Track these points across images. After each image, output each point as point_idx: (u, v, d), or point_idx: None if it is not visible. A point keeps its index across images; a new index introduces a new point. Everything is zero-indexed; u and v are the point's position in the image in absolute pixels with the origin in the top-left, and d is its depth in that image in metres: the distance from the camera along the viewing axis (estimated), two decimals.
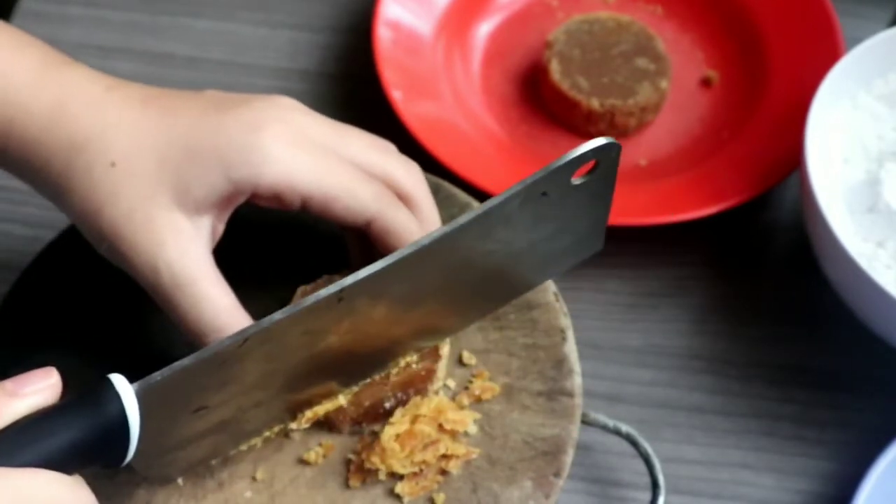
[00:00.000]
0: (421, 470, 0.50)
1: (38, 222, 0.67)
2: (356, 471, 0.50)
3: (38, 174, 0.50)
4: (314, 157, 0.50)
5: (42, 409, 0.39)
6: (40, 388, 0.40)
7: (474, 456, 0.51)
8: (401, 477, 0.50)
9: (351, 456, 0.51)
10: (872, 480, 0.56)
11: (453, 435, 0.51)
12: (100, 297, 0.56)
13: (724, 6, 0.77)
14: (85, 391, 0.40)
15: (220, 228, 0.51)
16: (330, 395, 0.51)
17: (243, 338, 0.43)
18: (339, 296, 0.45)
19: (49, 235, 0.59)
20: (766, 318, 0.66)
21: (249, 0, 0.79)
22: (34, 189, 0.51)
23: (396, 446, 0.50)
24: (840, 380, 0.64)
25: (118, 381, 0.41)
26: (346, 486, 0.50)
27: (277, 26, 0.78)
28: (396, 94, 0.70)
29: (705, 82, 0.75)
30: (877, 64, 0.66)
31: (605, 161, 0.47)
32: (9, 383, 0.40)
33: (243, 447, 0.51)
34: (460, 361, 0.54)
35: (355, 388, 0.52)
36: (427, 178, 0.57)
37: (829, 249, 0.59)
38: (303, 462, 0.51)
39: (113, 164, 0.48)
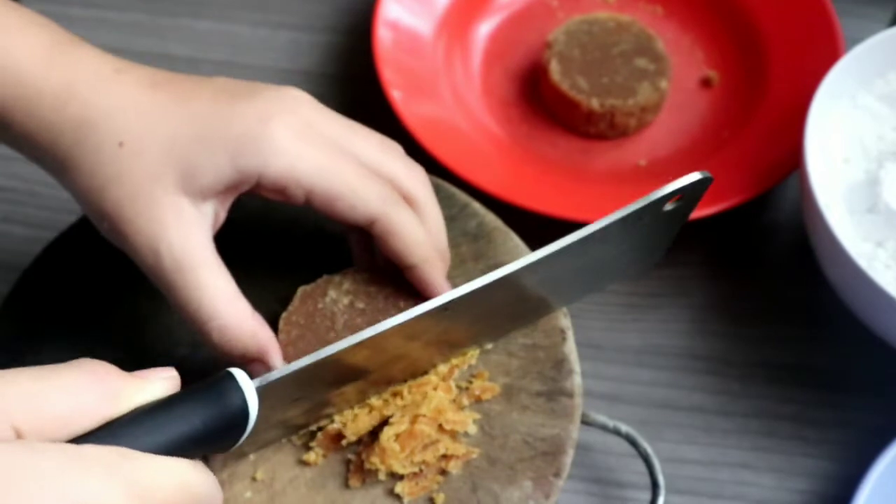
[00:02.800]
0: (421, 470, 0.50)
1: (39, 223, 0.68)
2: (356, 471, 0.50)
3: (45, 152, 0.49)
4: (321, 152, 0.49)
5: (166, 397, 0.40)
6: (164, 377, 0.40)
7: (474, 456, 0.51)
8: (401, 477, 0.50)
9: (350, 456, 0.51)
10: (872, 480, 0.56)
11: (453, 435, 0.51)
12: (101, 297, 0.56)
13: (724, 6, 0.77)
14: (208, 382, 0.41)
15: (223, 216, 0.51)
16: (389, 383, 0.52)
17: (359, 341, 0.45)
18: (446, 306, 0.46)
19: (49, 236, 0.59)
20: (766, 318, 0.66)
21: (250, 1, 0.79)
22: (37, 164, 0.51)
23: (396, 446, 0.49)
24: (840, 380, 0.64)
25: (240, 375, 0.42)
26: (346, 486, 0.50)
27: (278, 27, 0.78)
28: (396, 95, 0.70)
29: (705, 82, 0.75)
30: (877, 64, 0.66)
31: (694, 190, 0.48)
32: (136, 373, 0.40)
33: (313, 427, 0.51)
34: None
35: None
36: None
37: (828, 249, 0.59)
38: (302, 462, 0.51)
39: (121, 145, 0.48)
